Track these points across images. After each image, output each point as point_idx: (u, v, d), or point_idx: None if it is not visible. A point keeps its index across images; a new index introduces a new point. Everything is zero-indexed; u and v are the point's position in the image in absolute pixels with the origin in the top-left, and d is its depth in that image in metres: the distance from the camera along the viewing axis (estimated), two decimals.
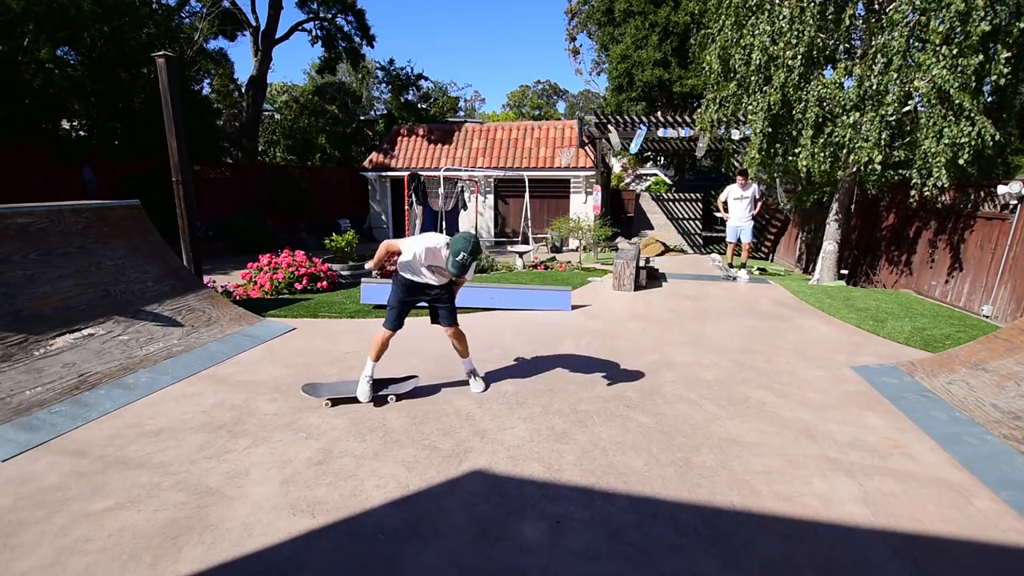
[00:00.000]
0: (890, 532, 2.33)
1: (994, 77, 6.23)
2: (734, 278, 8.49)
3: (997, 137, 6.29)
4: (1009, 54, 6.30)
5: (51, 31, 10.61)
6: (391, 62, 24.51)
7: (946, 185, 6.81)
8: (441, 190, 12.11)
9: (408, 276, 3.56)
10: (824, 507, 2.50)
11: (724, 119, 9.15)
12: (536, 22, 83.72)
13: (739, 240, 8.84)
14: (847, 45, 7.83)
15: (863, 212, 10.15)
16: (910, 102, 7.11)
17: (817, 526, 2.37)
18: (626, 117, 13.92)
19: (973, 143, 6.33)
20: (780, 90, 7.51)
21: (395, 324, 3.57)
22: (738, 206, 8.65)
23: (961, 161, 6.51)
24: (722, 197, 8.94)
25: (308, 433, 3.16)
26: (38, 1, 10.06)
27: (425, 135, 18.66)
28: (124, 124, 12.55)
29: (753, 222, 8.79)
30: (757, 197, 8.77)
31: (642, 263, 8.14)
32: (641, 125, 13.53)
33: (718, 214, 17.70)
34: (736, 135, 11.05)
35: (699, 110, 9.43)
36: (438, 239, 3.46)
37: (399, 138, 18.81)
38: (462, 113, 34.26)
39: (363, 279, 6.38)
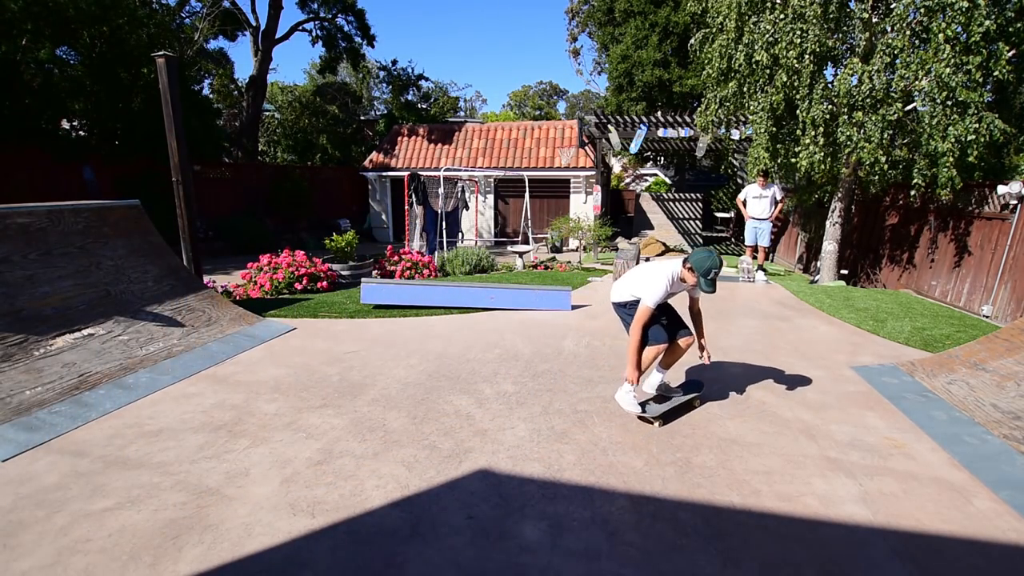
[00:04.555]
0: (890, 532, 2.33)
1: (997, 74, 6.23)
2: (752, 279, 8.43)
3: (1008, 130, 6.29)
4: (1012, 52, 6.30)
5: (50, 31, 10.61)
6: (394, 62, 24.53)
7: (959, 186, 6.79)
8: (441, 190, 12.10)
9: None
10: (824, 507, 2.50)
11: (724, 119, 9.13)
12: (537, 22, 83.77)
13: (756, 243, 8.71)
14: (849, 44, 7.83)
15: (863, 212, 10.15)
16: (912, 102, 7.10)
17: (817, 526, 2.37)
18: (626, 117, 13.93)
19: (982, 139, 6.33)
20: (783, 90, 7.50)
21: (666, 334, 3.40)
22: (757, 205, 8.56)
23: (971, 159, 6.50)
24: (740, 196, 8.81)
25: (308, 433, 3.16)
26: (36, 1, 10.06)
27: (425, 135, 18.67)
28: (124, 124, 12.54)
29: (770, 224, 8.67)
30: (777, 199, 8.64)
31: (642, 263, 8.12)
32: (641, 125, 13.53)
33: (720, 214, 17.80)
34: (736, 135, 11.03)
35: (699, 110, 9.40)
36: (671, 269, 3.21)
37: (399, 138, 18.82)
38: (462, 113, 34.27)
39: (363, 279, 6.37)
